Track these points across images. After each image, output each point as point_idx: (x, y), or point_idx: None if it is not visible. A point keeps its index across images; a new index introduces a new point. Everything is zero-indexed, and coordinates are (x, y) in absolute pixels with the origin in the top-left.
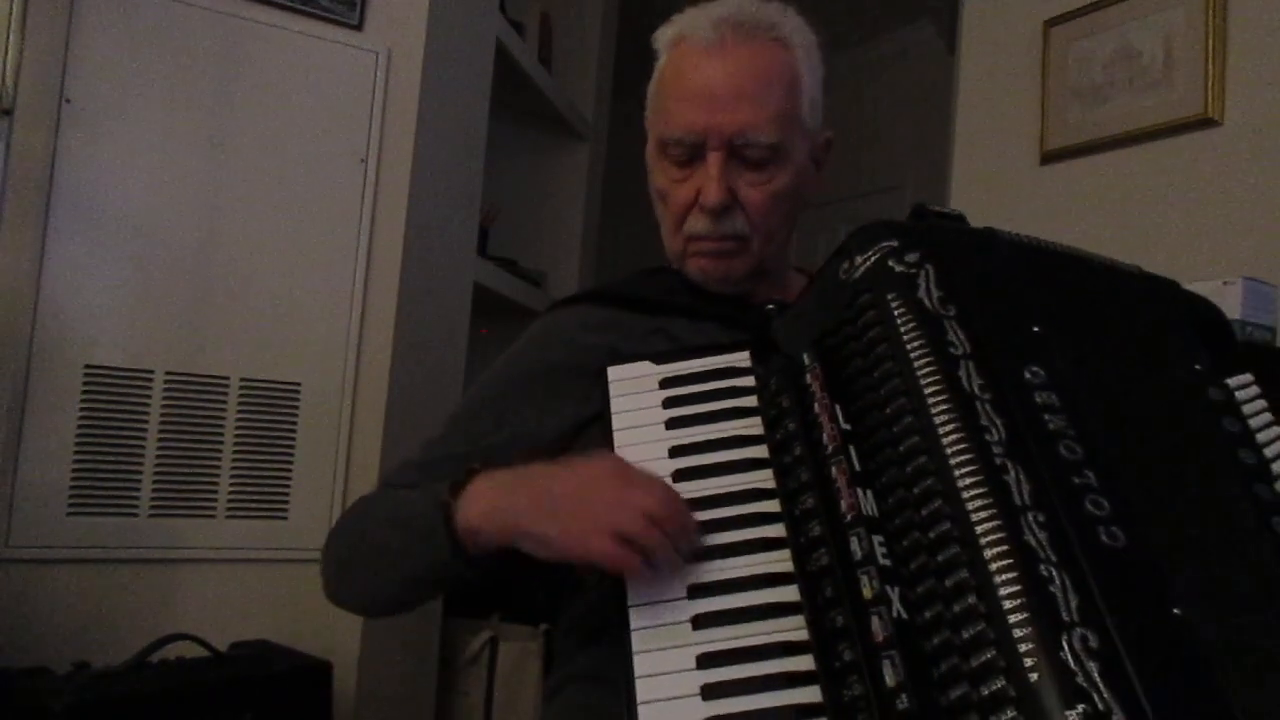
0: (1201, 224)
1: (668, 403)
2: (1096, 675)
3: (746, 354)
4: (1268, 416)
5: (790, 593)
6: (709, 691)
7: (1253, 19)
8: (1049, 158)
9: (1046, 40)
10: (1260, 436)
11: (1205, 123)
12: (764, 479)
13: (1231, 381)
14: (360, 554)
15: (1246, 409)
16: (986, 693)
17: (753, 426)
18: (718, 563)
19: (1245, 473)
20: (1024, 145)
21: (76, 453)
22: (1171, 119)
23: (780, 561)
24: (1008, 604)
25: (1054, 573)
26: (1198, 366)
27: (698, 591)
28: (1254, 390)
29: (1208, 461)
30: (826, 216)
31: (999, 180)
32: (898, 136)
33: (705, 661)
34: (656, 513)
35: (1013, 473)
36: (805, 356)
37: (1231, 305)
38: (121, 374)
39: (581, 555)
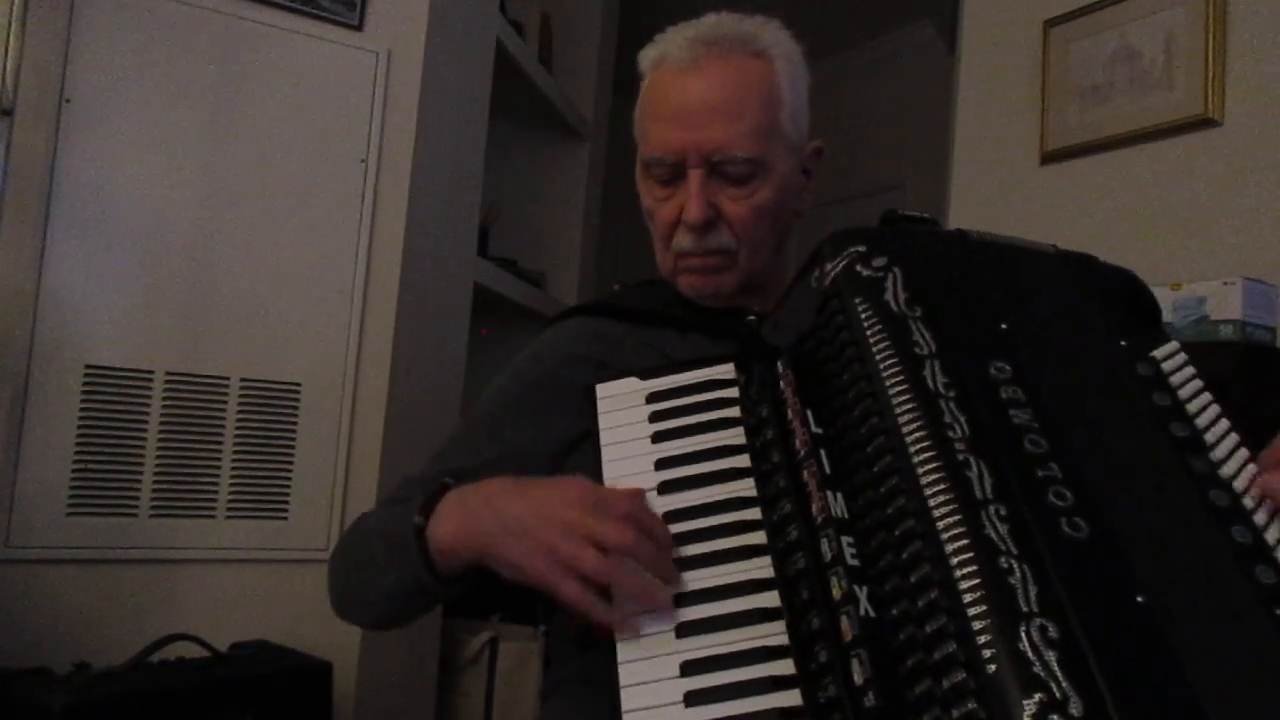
0: (1201, 224)
1: (654, 417)
2: (1055, 664)
3: (730, 366)
4: (1197, 384)
5: (772, 598)
6: (692, 698)
7: (1253, 19)
8: (1049, 158)
9: (1046, 40)
10: (1190, 407)
11: (1205, 123)
12: (747, 488)
13: (1158, 353)
14: (352, 569)
15: (1174, 379)
16: (948, 685)
17: (737, 436)
18: (701, 571)
19: (1178, 446)
20: (1024, 145)
21: (76, 453)
22: (1171, 119)
23: (762, 568)
24: (967, 597)
25: (1014, 564)
26: (1123, 343)
27: (681, 600)
28: (1181, 359)
29: (1146, 440)
30: (828, 217)
31: (999, 180)
32: (898, 136)
33: (688, 669)
34: (616, 544)
35: (975, 468)
36: (779, 364)
37: (1231, 305)
38: (121, 374)
39: (540, 584)
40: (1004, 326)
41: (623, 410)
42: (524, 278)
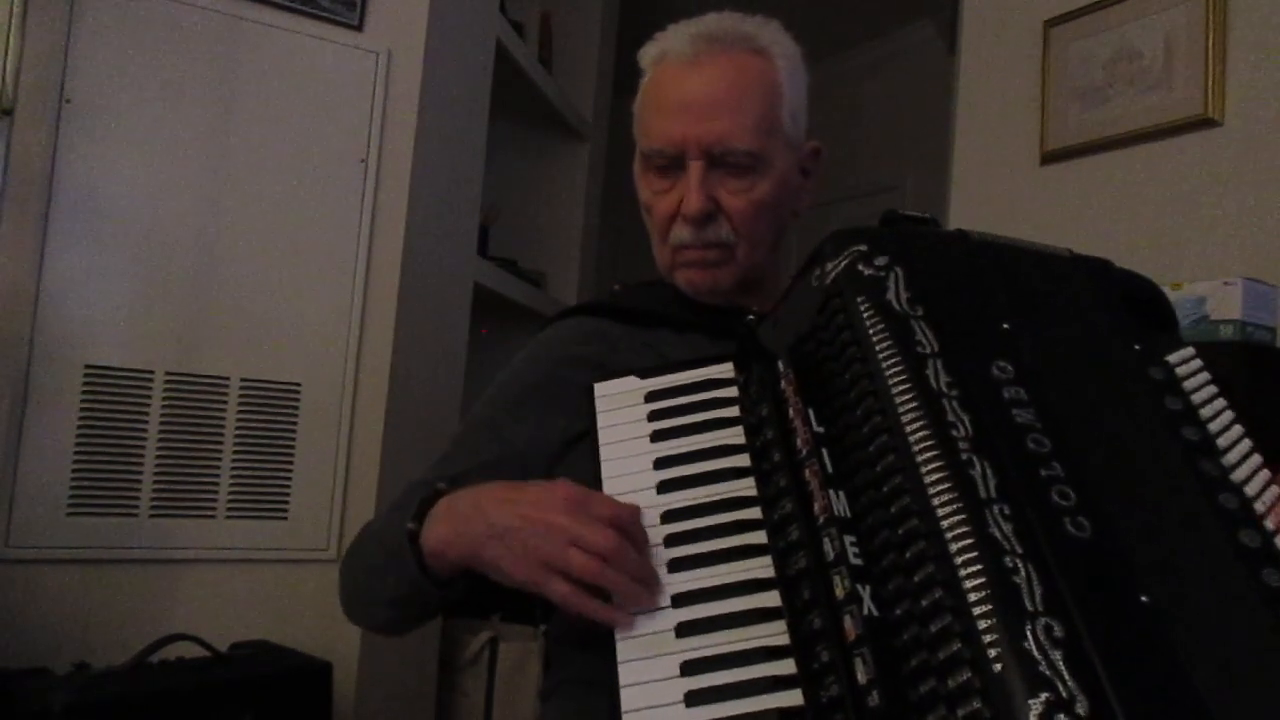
0: (1201, 224)
1: (653, 416)
2: (1060, 663)
3: (729, 365)
4: (1212, 390)
5: (772, 598)
6: (692, 698)
7: (1253, 19)
8: (1049, 158)
9: (1046, 40)
10: (1203, 412)
11: (1205, 123)
12: (747, 487)
13: (1173, 357)
14: (358, 572)
15: (1188, 384)
16: (953, 685)
17: (736, 436)
18: (701, 570)
19: (1188, 449)
20: (1024, 145)
21: (76, 453)
22: (1171, 119)
23: (762, 567)
24: (972, 596)
25: (1018, 564)
26: (1136, 347)
27: (681, 600)
28: (1196, 364)
29: (1156, 443)
30: (828, 217)
31: (999, 180)
32: (898, 136)
33: (689, 669)
34: (603, 548)
35: (979, 467)
36: (780, 363)
37: (1231, 305)
38: (121, 374)
39: (533, 589)
40: (1006, 327)
41: (621, 409)
42: (524, 278)
